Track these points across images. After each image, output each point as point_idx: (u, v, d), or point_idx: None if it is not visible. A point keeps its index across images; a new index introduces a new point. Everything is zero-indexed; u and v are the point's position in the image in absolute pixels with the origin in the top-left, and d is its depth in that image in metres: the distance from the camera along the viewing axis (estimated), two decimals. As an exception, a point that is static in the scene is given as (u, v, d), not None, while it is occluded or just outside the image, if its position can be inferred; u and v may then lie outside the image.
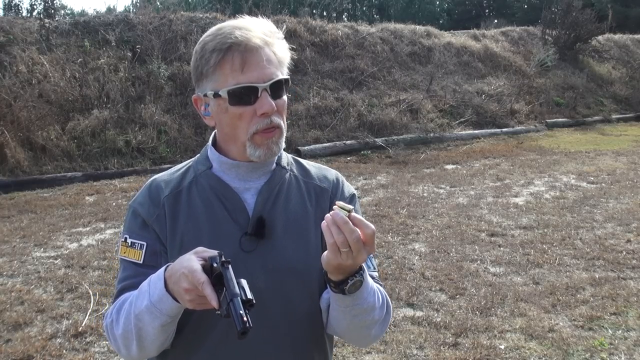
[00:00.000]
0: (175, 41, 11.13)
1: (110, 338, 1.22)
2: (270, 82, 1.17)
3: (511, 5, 37.13)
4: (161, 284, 1.09)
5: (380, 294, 1.26)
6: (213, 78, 1.19)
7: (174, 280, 1.05)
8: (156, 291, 1.09)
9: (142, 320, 1.12)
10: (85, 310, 3.92)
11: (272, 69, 1.18)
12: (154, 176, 1.34)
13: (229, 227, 1.24)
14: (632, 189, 7.42)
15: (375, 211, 6.42)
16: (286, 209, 1.28)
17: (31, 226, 5.91)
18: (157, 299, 1.09)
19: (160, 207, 1.25)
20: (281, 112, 1.22)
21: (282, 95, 1.21)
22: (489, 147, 10.87)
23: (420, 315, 3.84)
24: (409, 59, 14.00)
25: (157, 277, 1.11)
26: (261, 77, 1.16)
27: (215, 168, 1.28)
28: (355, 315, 1.19)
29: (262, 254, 1.23)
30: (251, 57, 1.16)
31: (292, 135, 9.99)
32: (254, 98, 1.17)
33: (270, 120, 1.19)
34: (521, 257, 4.95)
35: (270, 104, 1.17)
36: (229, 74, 1.16)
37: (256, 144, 1.20)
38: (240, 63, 1.15)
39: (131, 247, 1.24)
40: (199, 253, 1.06)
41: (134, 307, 1.13)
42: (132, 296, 1.16)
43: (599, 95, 15.92)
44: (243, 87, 1.16)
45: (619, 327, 3.67)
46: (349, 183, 1.43)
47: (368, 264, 1.32)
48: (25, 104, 8.56)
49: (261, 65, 1.17)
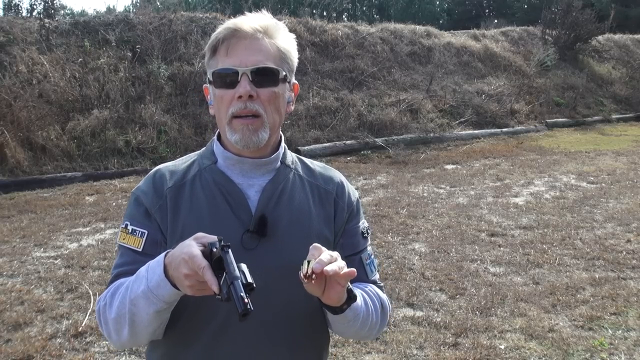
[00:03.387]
0: (175, 41, 11.13)
1: (101, 322, 1.20)
2: (252, 68, 1.18)
3: (511, 5, 37.10)
4: (160, 270, 1.08)
5: (376, 300, 1.30)
6: (210, 64, 1.23)
7: (174, 266, 1.05)
8: (154, 276, 1.09)
9: (137, 305, 1.11)
10: (85, 310, 3.92)
11: (259, 57, 1.19)
12: (159, 166, 1.34)
13: (231, 223, 1.24)
14: (632, 189, 7.42)
15: (375, 211, 6.42)
16: (289, 208, 1.28)
17: (31, 226, 5.91)
18: (154, 284, 1.08)
19: (163, 198, 1.25)
20: (265, 102, 1.21)
21: (269, 85, 1.20)
22: (489, 147, 10.87)
23: (420, 315, 3.84)
24: (409, 59, 14.00)
25: (156, 262, 1.10)
26: (244, 62, 1.18)
27: (220, 163, 1.29)
28: (353, 326, 1.24)
29: (263, 252, 1.23)
30: (238, 42, 1.19)
31: (292, 135, 9.99)
32: (236, 82, 1.18)
33: (245, 105, 1.19)
34: (521, 257, 4.95)
35: (244, 88, 1.18)
36: (219, 59, 1.21)
37: (233, 128, 1.22)
38: (226, 47, 1.19)
39: (131, 234, 1.24)
40: (198, 239, 1.06)
41: (130, 291, 1.12)
42: (129, 281, 1.15)
43: (599, 95, 15.91)
44: (225, 69, 1.19)
45: (619, 327, 3.66)
46: (349, 183, 1.43)
47: (371, 268, 1.37)
48: (25, 104, 8.56)
49: (247, 51, 1.18)
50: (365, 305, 1.25)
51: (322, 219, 1.31)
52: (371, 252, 1.40)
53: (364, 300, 1.25)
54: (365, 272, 1.35)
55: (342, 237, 1.34)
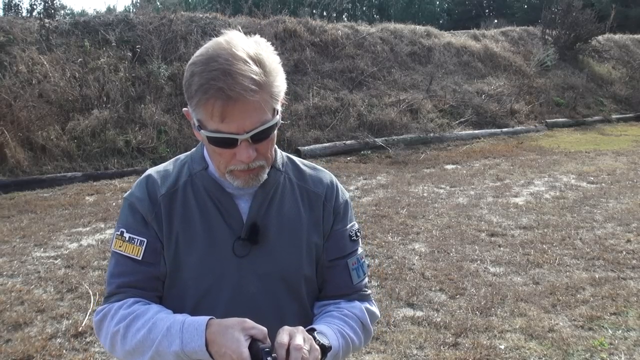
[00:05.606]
0: (175, 41, 11.13)
1: (107, 342, 1.21)
2: (252, 133, 1.13)
3: (511, 5, 37.11)
4: (201, 342, 1.08)
5: (355, 325, 1.31)
6: (197, 111, 1.15)
7: (219, 353, 1.06)
8: (192, 344, 1.09)
9: (164, 358, 1.13)
10: (85, 310, 3.92)
11: (256, 117, 1.13)
12: (149, 170, 1.33)
13: (222, 231, 1.24)
14: (632, 189, 7.42)
15: (375, 211, 6.42)
16: (280, 214, 1.28)
17: (31, 226, 5.91)
18: (191, 350, 1.09)
19: (157, 205, 1.25)
20: (264, 152, 1.20)
21: (266, 138, 1.17)
22: (489, 147, 10.87)
23: (420, 315, 3.84)
24: (409, 59, 14.00)
25: (195, 330, 1.10)
26: (242, 128, 1.12)
27: (211, 169, 1.28)
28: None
29: (254, 259, 1.23)
30: (233, 107, 1.10)
31: (292, 135, 9.99)
32: (234, 144, 1.15)
33: (247, 166, 1.18)
34: (521, 257, 4.95)
35: (247, 155, 1.15)
36: (210, 118, 1.12)
37: (235, 176, 1.20)
38: (220, 113, 1.10)
39: (129, 242, 1.23)
40: (246, 330, 1.06)
41: (159, 344, 1.12)
42: (151, 323, 1.15)
43: (599, 95, 15.91)
44: (222, 137, 1.14)
45: (619, 327, 3.66)
46: (349, 183, 1.44)
47: (358, 273, 1.37)
48: (25, 104, 8.56)
49: (243, 115, 1.11)
50: (344, 340, 1.26)
51: (311, 224, 1.32)
52: (361, 256, 1.39)
53: (341, 336, 1.26)
54: (350, 277, 1.35)
55: (328, 241, 1.34)
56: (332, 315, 1.30)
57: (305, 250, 1.30)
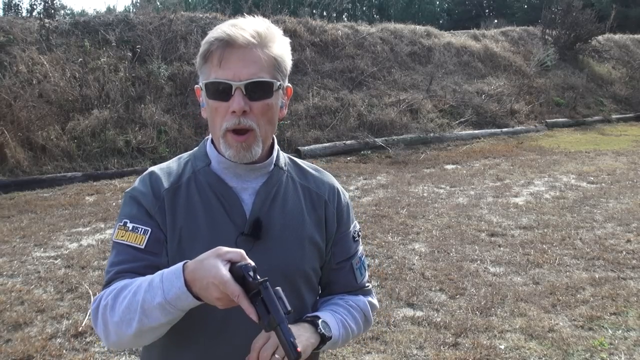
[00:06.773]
0: (175, 41, 11.13)
1: (98, 322, 1.17)
2: (246, 82, 1.16)
3: (511, 5, 37.10)
4: (180, 283, 1.06)
5: (357, 314, 1.37)
6: (203, 70, 1.22)
7: (202, 287, 1.04)
8: (173, 289, 1.06)
9: (150, 316, 1.09)
10: (85, 310, 3.92)
11: (253, 69, 1.16)
12: (152, 168, 1.33)
13: (225, 227, 1.24)
14: (632, 189, 7.42)
15: (375, 211, 6.42)
16: (283, 211, 1.30)
17: (31, 226, 5.91)
18: (173, 296, 1.06)
19: (160, 199, 1.25)
20: (258, 115, 1.20)
21: (262, 97, 1.19)
22: (489, 147, 10.87)
23: (420, 315, 3.84)
24: (409, 59, 14.00)
25: (172, 274, 1.08)
26: (237, 76, 1.16)
27: (214, 165, 1.29)
28: (334, 347, 1.33)
29: (257, 255, 1.23)
30: (231, 54, 1.16)
31: (292, 135, 9.98)
32: (229, 95, 1.17)
33: (238, 121, 1.18)
34: (521, 257, 4.95)
35: (238, 103, 1.16)
36: (212, 67, 1.18)
37: (227, 143, 1.21)
38: (219, 58, 1.17)
39: (132, 231, 1.22)
40: (222, 255, 1.04)
41: (143, 301, 1.09)
42: (136, 286, 1.12)
43: (599, 95, 15.91)
44: (217, 82, 1.17)
45: (619, 327, 3.67)
46: (349, 183, 1.46)
47: (361, 271, 1.42)
48: (25, 104, 8.56)
49: (240, 63, 1.16)
50: (344, 330, 1.31)
51: (313, 223, 1.33)
52: (362, 254, 1.43)
53: (342, 326, 1.31)
54: (354, 277, 1.40)
55: (334, 246, 1.37)
56: (337, 304, 1.37)
57: (306, 248, 1.31)
